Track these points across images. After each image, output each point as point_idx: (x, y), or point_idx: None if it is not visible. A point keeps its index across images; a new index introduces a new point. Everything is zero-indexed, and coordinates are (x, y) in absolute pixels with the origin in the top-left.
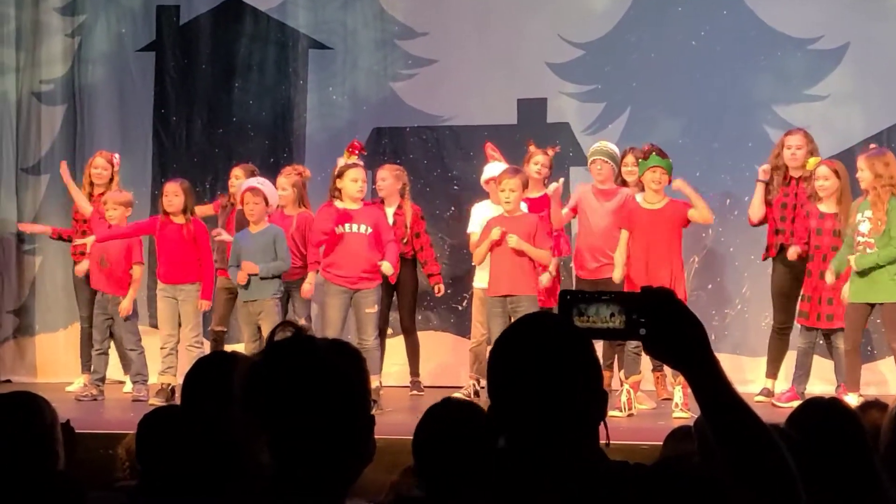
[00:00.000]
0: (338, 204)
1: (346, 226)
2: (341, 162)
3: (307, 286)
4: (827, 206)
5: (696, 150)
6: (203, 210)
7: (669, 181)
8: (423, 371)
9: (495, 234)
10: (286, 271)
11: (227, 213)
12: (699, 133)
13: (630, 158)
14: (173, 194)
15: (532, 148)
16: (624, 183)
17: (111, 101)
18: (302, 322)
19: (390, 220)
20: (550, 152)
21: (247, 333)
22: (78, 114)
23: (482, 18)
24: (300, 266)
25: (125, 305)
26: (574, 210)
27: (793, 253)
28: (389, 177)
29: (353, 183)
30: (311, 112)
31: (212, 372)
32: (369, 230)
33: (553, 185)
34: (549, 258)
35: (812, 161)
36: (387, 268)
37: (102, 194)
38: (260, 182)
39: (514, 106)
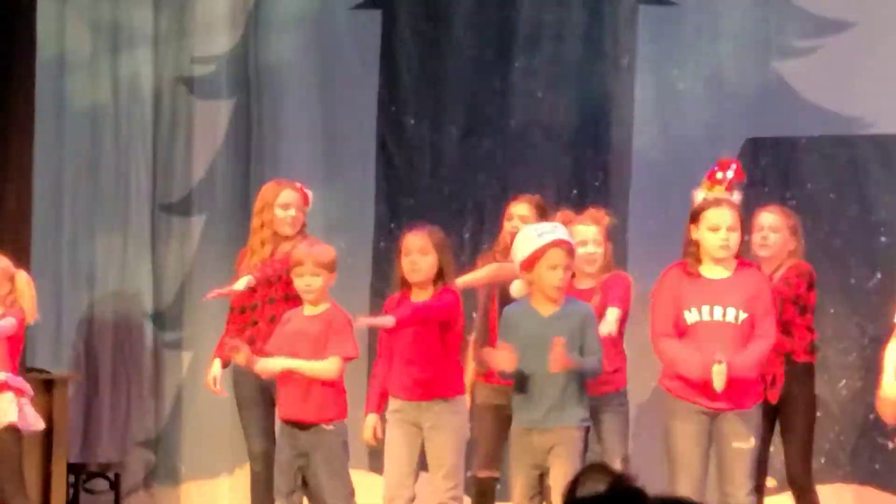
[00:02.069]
0: (693, 269)
1: (702, 309)
2: (699, 196)
3: None
4: None
5: None
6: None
7: None
8: None
9: None
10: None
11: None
12: None
13: None
14: (419, 252)
15: None
16: None
17: (308, 93)
18: (619, 464)
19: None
20: None
21: (521, 483)
22: (254, 114)
23: None
24: (614, 370)
25: (270, 367)
26: None
27: None
28: (783, 226)
29: (712, 234)
30: (643, 110)
31: None
32: (742, 316)
33: None
34: None
35: None
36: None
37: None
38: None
39: None
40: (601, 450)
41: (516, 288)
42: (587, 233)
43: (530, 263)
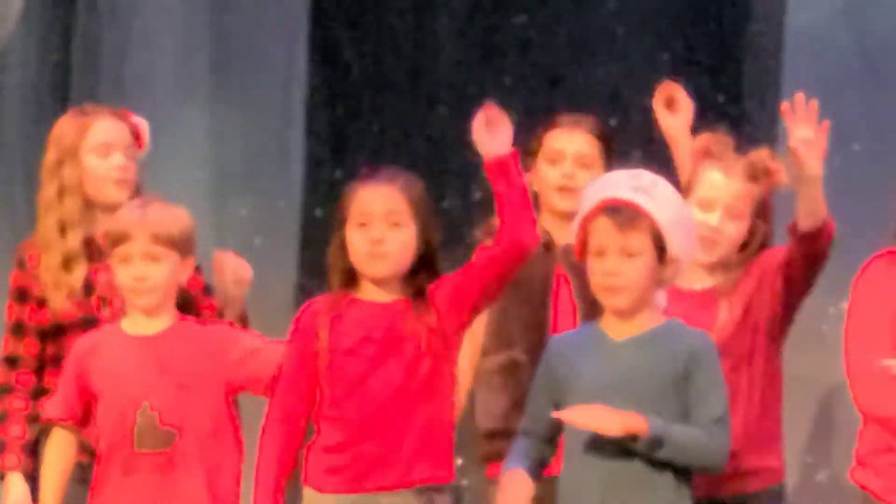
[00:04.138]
0: None
1: None
2: None
3: None
4: None
5: None
6: None
7: None
8: None
9: None
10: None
11: None
12: None
13: None
14: (386, 219)
15: None
16: None
17: None
18: None
19: None
20: None
21: None
22: None
23: None
24: (765, 446)
25: None
26: None
27: None
28: None
29: None
30: None
31: None
32: None
33: None
34: None
35: None
36: None
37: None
38: None
39: None
40: None
41: None
42: (724, 188)
43: (579, 248)
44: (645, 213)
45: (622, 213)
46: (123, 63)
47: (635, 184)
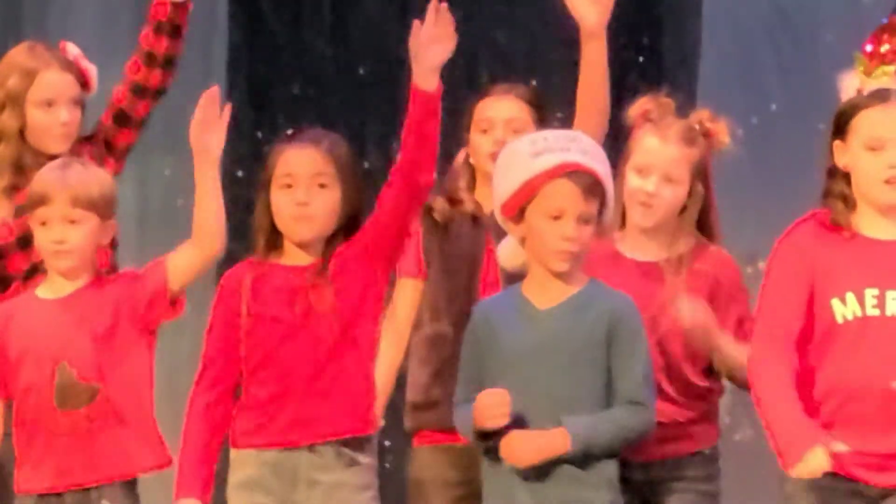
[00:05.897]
0: None
1: (866, 294)
2: (848, 87)
3: None
4: None
5: None
6: None
7: None
8: None
9: None
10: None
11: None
12: None
13: None
14: (312, 179)
15: None
16: None
17: None
18: None
19: None
20: None
21: None
22: None
23: None
24: (697, 414)
25: None
26: None
27: None
28: None
29: (875, 156)
30: None
31: None
32: None
33: None
34: None
35: None
36: None
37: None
38: None
39: None
40: None
41: (506, 251)
42: (660, 154)
43: (515, 206)
44: (600, 182)
45: (584, 179)
46: (45, 22)
47: (581, 147)
